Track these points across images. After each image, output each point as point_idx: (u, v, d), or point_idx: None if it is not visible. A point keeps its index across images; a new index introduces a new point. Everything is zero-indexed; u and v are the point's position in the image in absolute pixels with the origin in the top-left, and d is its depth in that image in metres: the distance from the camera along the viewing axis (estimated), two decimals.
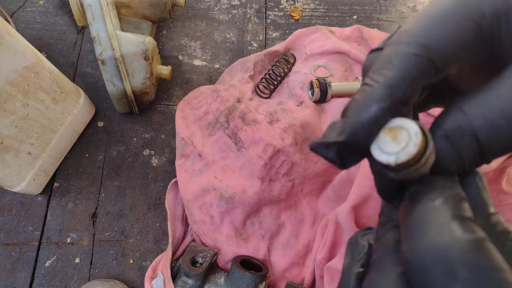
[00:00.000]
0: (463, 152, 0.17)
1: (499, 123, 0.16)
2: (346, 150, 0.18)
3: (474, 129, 0.16)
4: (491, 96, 0.17)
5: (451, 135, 0.17)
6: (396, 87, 0.17)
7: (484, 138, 0.16)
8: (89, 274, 0.50)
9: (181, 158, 0.53)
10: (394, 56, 0.18)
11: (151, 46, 0.50)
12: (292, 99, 0.56)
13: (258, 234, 0.50)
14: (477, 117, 0.17)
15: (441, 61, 0.18)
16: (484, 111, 0.16)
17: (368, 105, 0.17)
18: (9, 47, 0.40)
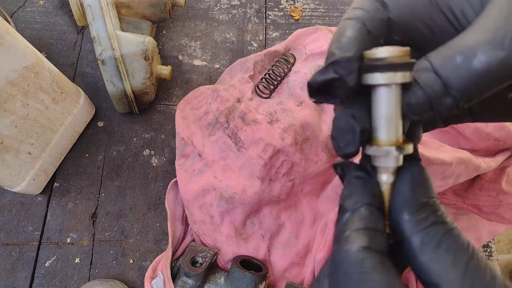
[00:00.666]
0: (428, 89, 0.19)
1: (456, 59, 0.18)
2: (341, 68, 0.20)
3: (435, 67, 0.18)
4: (451, 42, 0.19)
5: (416, 75, 0.19)
6: (363, 18, 0.20)
7: (445, 74, 0.18)
8: (89, 274, 0.50)
9: (181, 158, 0.53)
10: (357, 2, 0.21)
11: (151, 46, 0.50)
12: (292, 99, 0.56)
13: (258, 234, 0.50)
14: (436, 57, 0.19)
15: (392, 12, 0.21)
16: (443, 52, 0.19)
17: (344, 31, 0.20)
18: (9, 47, 0.40)
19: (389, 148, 0.20)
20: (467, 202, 0.53)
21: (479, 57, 0.17)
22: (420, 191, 0.20)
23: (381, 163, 0.21)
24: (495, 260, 0.55)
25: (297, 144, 0.49)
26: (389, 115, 0.20)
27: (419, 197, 0.20)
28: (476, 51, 0.17)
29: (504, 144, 0.49)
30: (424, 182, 0.20)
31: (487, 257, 0.55)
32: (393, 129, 0.20)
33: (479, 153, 0.50)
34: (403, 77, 0.19)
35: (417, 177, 0.20)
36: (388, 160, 0.20)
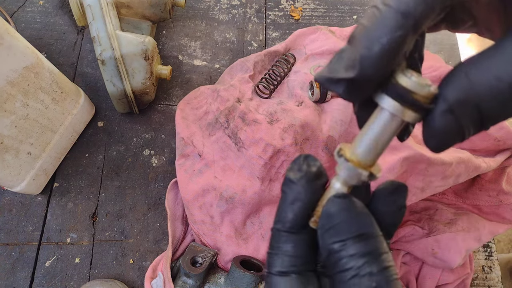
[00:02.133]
0: (466, 123, 0.16)
1: (503, 91, 0.15)
2: (354, 86, 0.17)
3: (480, 100, 0.15)
4: (495, 61, 0.15)
5: (456, 108, 0.16)
6: (409, 13, 0.16)
7: (488, 107, 0.15)
8: (89, 274, 0.50)
9: (181, 158, 0.53)
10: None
11: (151, 46, 0.50)
12: (292, 99, 0.56)
13: (258, 234, 0.50)
14: (482, 85, 0.15)
15: None
16: (489, 79, 0.15)
17: (379, 35, 0.16)
18: (9, 47, 0.40)
19: (360, 170, 0.20)
20: (467, 202, 0.53)
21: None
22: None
23: (346, 175, 0.20)
24: (495, 260, 0.55)
25: (297, 144, 0.49)
26: (379, 139, 0.19)
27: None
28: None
29: (504, 144, 0.49)
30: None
31: (487, 257, 0.55)
32: (375, 153, 0.20)
33: (479, 153, 0.50)
34: (413, 118, 0.18)
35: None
36: (353, 177, 0.20)
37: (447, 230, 0.49)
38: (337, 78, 0.17)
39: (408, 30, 0.16)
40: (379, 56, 0.16)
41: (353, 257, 0.18)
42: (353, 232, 0.18)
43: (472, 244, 0.48)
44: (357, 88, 0.17)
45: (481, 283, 0.54)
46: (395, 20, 0.16)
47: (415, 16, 0.15)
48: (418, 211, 0.53)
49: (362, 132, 0.20)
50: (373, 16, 0.16)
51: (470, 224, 0.50)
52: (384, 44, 0.16)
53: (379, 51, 0.16)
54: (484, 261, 0.55)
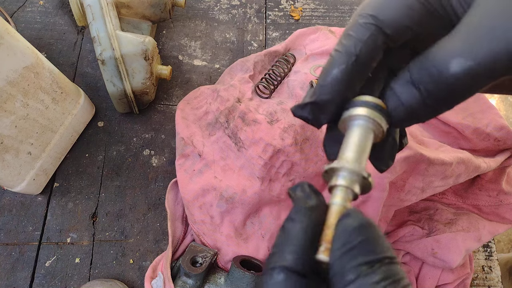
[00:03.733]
0: (408, 102, 0.20)
1: (431, 71, 0.19)
2: (317, 109, 0.22)
3: (413, 79, 0.20)
4: (427, 52, 0.20)
5: (397, 90, 0.21)
6: (351, 53, 0.21)
7: (423, 86, 0.19)
8: (89, 274, 0.50)
9: (181, 158, 0.53)
10: (351, 27, 0.22)
11: (151, 46, 0.50)
12: (292, 99, 0.56)
13: (258, 234, 0.50)
14: (415, 69, 0.20)
15: (390, 28, 0.21)
16: (420, 63, 0.20)
17: (330, 70, 0.22)
18: (9, 47, 0.40)
19: (357, 169, 0.20)
20: (467, 202, 0.53)
21: (452, 68, 0.18)
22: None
23: (344, 181, 0.20)
24: (495, 260, 0.55)
25: (297, 144, 0.49)
26: (361, 143, 0.21)
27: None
28: (448, 63, 0.18)
29: (504, 144, 0.49)
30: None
31: (487, 257, 0.55)
32: (361, 155, 0.21)
33: (479, 153, 0.50)
34: (380, 119, 0.21)
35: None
36: (353, 180, 0.20)
37: (447, 230, 0.49)
38: (303, 103, 0.22)
39: (352, 64, 0.21)
40: (330, 84, 0.21)
41: (381, 283, 0.15)
42: (380, 254, 0.16)
43: (472, 244, 0.48)
44: (318, 110, 0.22)
45: (481, 283, 0.54)
46: (339, 58, 0.22)
47: (356, 53, 0.21)
48: (418, 211, 0.53)
49: (344, 144, 0.22)
50: (328, 60, 0.22)
51: (470, 224, 0.50)
52: (334, 74, 0.21)
53: (330, 80, 0.22)
54: (484, 261, 0.55)
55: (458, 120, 0.50)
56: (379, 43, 0.21)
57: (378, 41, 0.21)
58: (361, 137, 0.21)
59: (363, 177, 0.20)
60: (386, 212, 0.47)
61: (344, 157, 0.21)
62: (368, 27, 0.21)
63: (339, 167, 0.20)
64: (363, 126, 0.21)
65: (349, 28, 0.22)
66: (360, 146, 0.21)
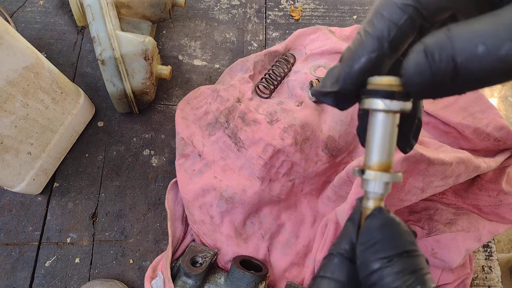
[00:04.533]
0: (437, 71, 0.17)
1: (479, 47, 0.16)
2: (340, 97, 0.21)
3: (454, 49, 0.17)
4: (478, 23, 0.17)
5: (430, 51, 0.17)
6: (384, 38, 0.19)
7: (462, 60, 0.16)
8: (89, 274, 0.50)
9: (181, 158, 0.53)
10: (384, 6, 0.19)
11: (151, 46, 0.50)
12: (292, 99, 0.56)
13: (258, 234, 0.50)
14: (459, 38, 0.17)
15: (428, 11, 0.19)
16: (467, 34, 0.17)
17: (359, 56, 0.19)
18: (9, 47, 0.40)
19: (384, 173, 0.20)
20: (467, 202, 0.53)
21: (502, 52, 0.16)
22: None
23: (373, 187, 0.20)
24: (495, 260, 0.55)
25: (297, 144, 0.49)
26: (384, 140, 0.20)
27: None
28: (501, 45, 0.16)
29: (504, 144, 0.49)
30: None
31: (487, 257, 0.55)
32: (387, 152, 0.20)
33: (479, 153, 0.50)
34: (403, 106, 0.19)
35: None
36: (380, 185, 0.20)
37: (447, 230, 0.49)
38: (325, 91, 0.21)
39: (384, 51, 0.19)
40: (358, 72, 0.20)
41: (400, 274, 0.17)
42: (398, 249, 0.18)
43: (472, 244, 0.48)
44: (342, 99, 0.21)
45: (481, 283, 0.54)
46: (371, 44, 0.19)
47: (389, 39, 0.19)
48: (418, 211, 0.52)
49: (368, 143, 0.21)
50: (356, 41, 0.20)
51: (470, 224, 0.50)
52: (362, 63, 0.19)
53: (358, 68, 0.20)
54: (484, 261, 0.55)
55: (458, 120, 0.50)
56: (416, 27, 0.19)
57: (416, 25, 0.19)
58: (385, 134, 0.20)
59: (388, 183, 0.20)
60: None
61: (371, 161, 0.21)
62: (406, 9, 0.19)
63: (366, 178, 0.21)
64: (386, 121, 0.20)
65: (380, 7, 0.19)
66: (385, 145, 0.20)
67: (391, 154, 0.20)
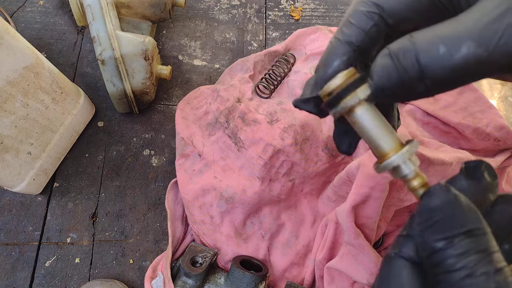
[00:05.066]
0: (404, 72, 0.18)
1: (440, 48, 0.17)
2: (319, 102, 0.21)
3: (418, 51, 0.18)
4: (437, 28, 0.18)
5: (395, 54, 0.18)
6: (353, 43, 0.20)
7: (426, 60, 0.17)
8: (89, 274, 0.50)
9: (181, 158, 0.53)
10: (352, 14, 0.21)
11: (151, 46, 0.50)
12: (292, 99, 0.56)
13: (258, 234, 0.50)
14: (421, 41, 0.18)
15: (392, 19, 0.20)
16: (428, 37, 0.18)
17: (332, 61, 0.21)
18: (9, 47, 0.40)
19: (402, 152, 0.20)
20: None
21: (462, 51, 0.17)
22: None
23: (404, 171, 0.20)
24: None
25: (297, 144, 0.49)
26: (381, 126, 0.20)
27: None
28: (461, 45, 0.17)
29: (504, 144, 0.49)
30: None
31: None
32: (391, 137, 0.20)
33: (479, 153, 0.50)
34: (363, 91, 0.20)
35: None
36: (409, 163, 0.20)
37: None
38: (305, 98, 0.22)
39: (354, 55, 0.20)
40: (333, 76, 0.21)
41: (463, 255, 0.16)
42: (461, 228, 0.16)
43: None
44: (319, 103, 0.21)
45: None
46: (341, 48, 0.21)
47: (357, 44, 0.20)
48: None
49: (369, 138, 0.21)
50: (328, 49, 0.21)
51: None
52: (335, 66, 0.21)
53: (332, 72, 0.21)
54: None
55: (458, 120, 0.50)
56: (382, 34, 0.20)
57: (381, 32, 0.20)
58: (378, 119, 0.20)
59: (412, 154, 0.20)
60: (386, 212, 0.47)
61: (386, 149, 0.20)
62: (371, 16, 0.20)
63: (396, 164, 0.20)
64: (363, 113, 0.20)
65: (349, 15, 0.21)
66: (386, 129, 0.20)
67: (394, 133, 0.20)
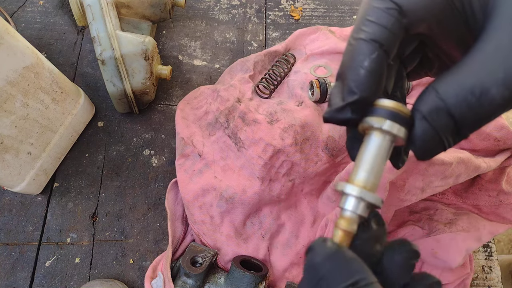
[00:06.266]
0: (442, 130, 0.18)
1: (469, 99, 0.17)
2: (360, 107, 0.20)
3: (449, 107, 0.18)
4: (460, 75, 0.18)
5: (429, 116, 0.18)
6: (377, 40, 0.19)
7: (459, 114, 0.18)
8: (89, 274, 0.50)
9: (181, 158, 0.53)
10: (369, 12, 0.20)
11: (151, 46, 0.50)
12: (292, 99, 0.56)
13: (258, 234, 0.50)
14: (449, 95, 0.18)
15: (406, 17, 0.19)
16: (455, 89, 0.18)
17: (361, 62, 0.19)
18: (9, 47, 0.40)
19: (365, 191, 0.19)
20: (467, 202, 0.53)
21: (492, 95, 0.17)
22: None
23: (352, 205, 0.20)
24: (495, 260, 0.55)
25: (297, 144, 0.49)
26: (376, 158, 0.20)
27: None
28: (489, 90, 0.17)
29: (504, 144, 0.49)
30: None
31: (487, 257, 0.55)
32: (376, 174, 0.20)
33: (479, 153, 0.50)
34: (399, 131, 0.19)
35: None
36: (360, 205, 0.19)
37: (447, 230, 0.49)
38: (342, 106, 0.20)
39: (381, 53, 0.19)
40: (366, 77, 0.19)
41: None
42: (346, 281, 0.16)
43: (472, 244, 0.48)
44: (358, 109, 0.20)
45: (481, 283, 0.54)
46: (367, 47, 0.19)
47: (382, 41, 0.19)
48: (418, 211, 0.53)
49: (358, 159, 0.20)
50: (349, 51, 0.20)
51: (470, 224, 0.50)
52: (367, 67, 0.19)
53: (365, 73, 0.19)
54: (484, 261, 0.55)
55: None
56: (402, 32, 0.20)
57: (402, 30, 0.19)
58: (378, 154, 0.20)
59: (370, 203, 0.19)
60: (386, 212, 0.47)
61: (356, 179, 0.20)
62: (391, 13, 0.19)
63: (348, 193, 0.20)
64: (382, 141, 0.20)
65: (366, 13, 0.20)
66: (375, 165, 0.20)
67: (379, 178, 0.20)
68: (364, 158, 0.20)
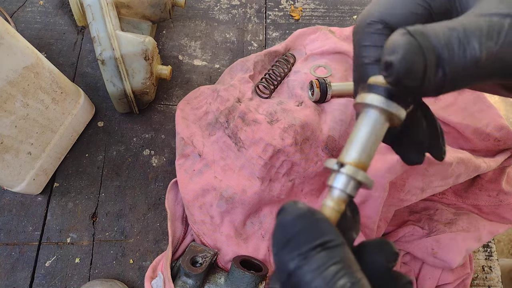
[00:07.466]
0: (426, 49, 0.17)
1: (452, 41, 0.17)
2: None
3: (431, 40, 0.17)
4: (452, 22, 0.18)
5: (414, 33, 0.18)
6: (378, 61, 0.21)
7: (441, 48, 0.17)
8: (89, 274, 0.50)
9: (181, 158, 0.53)
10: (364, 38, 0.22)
11: (151, 46, 0.50)
12: (292, 99, 0.56)
13: (258, 234, 0.50)
14: (437, 31, 0.18)
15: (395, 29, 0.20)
16: (443, 29, 0.18)
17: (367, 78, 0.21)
18: (9, 47, 0.40)
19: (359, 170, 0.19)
20: (467, 202, 0.53)
21: (473, 45, 0.17)
22: None
23: (342, 183, 0.19)
24: (495, 260, 0.55)
25: (297, 144, 0.49)
26: (369, 139, 0.19)
27: None
28: (470, 39, 0.17)
29: (504, 144, 0.49)
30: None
31: (487, 257, 0.55)
32: (366, 154, 0.19)
33: (479, 153, 0.50)
34: (398, 110, 0.19)
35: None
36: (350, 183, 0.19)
37: (447, 230, 0.49)
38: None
39: None
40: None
41: (320, 269, 0.15)
42: (315, 241, 0.16)
43: (472, 244, 0.48)
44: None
45: (481, 283, 0.54)
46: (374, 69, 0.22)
47: None
48: (418, 211, 0.53)
49: (351, 138, 0.20)
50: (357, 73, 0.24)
51: (470, 224, 0.50)
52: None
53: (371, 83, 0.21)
54: (484, 261, 0.55)
55: (458, 120, 0.50)
56: None
57: None
58: (371, 132, 0.19)
59: (360, 182, 0.19)
60: (386, 212, 0.47)
61: (347, 156, 0.19)
62: (382, 32, 0.21)
63: (337, 169, 0.19)
64: (376, 119, 0.19)
65: (361, 40, 0.22)
66: (366, 144, 0.19)
67: (370, 157, 0.19)
68: (357, 136, 0.19)
